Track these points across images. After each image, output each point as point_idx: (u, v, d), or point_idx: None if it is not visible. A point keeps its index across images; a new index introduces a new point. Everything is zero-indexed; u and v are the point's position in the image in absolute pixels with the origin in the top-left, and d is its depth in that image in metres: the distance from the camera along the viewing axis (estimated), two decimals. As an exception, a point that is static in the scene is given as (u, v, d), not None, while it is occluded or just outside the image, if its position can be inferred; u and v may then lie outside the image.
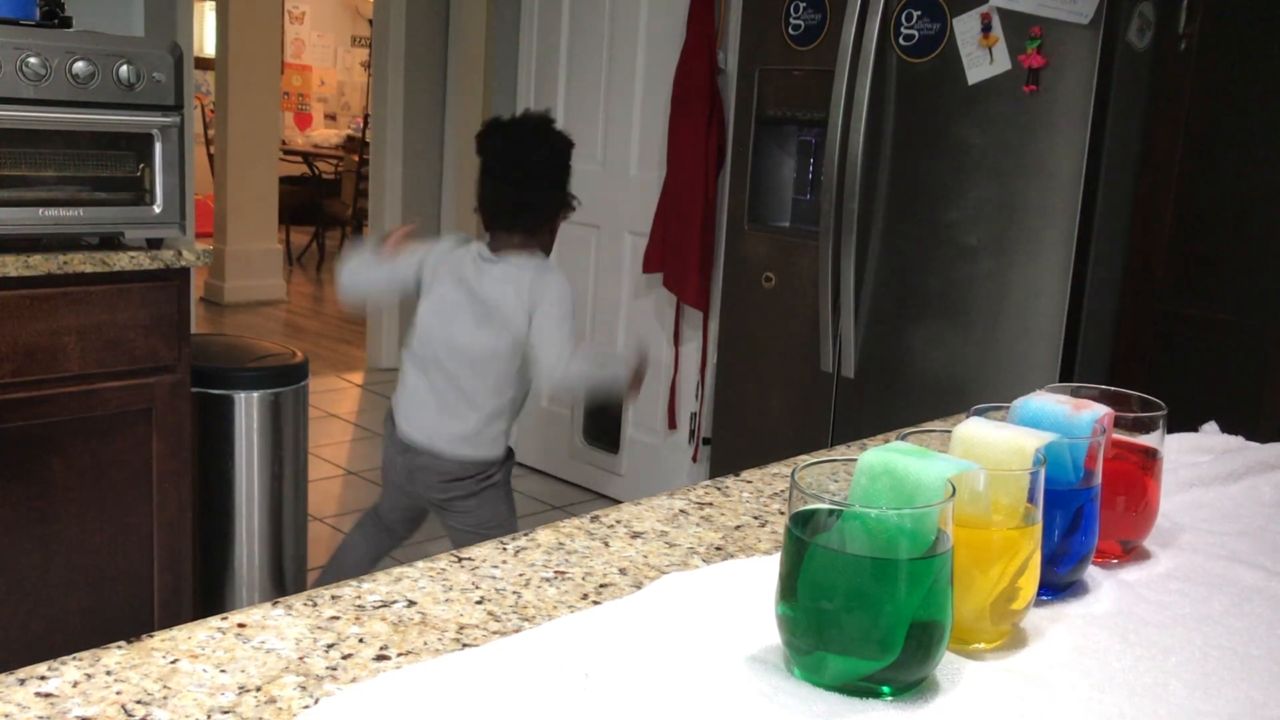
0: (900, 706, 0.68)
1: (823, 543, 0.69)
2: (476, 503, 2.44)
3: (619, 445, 3.89)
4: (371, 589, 0.83)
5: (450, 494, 2.44)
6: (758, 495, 1.11)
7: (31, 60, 2.09)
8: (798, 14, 2.88)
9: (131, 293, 2.24)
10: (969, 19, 2.53)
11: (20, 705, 0.64)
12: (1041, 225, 2.48)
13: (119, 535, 2.30)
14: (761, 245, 3.05)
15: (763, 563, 0.88)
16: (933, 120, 2.63)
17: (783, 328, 3.00)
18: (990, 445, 0.79)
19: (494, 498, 2.47)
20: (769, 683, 0.69)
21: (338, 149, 9.29)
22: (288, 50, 10.14)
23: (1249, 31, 2.43)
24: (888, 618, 0.66)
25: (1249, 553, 0.97)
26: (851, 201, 2.71)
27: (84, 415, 2.22)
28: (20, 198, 2.14)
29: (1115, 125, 2.44)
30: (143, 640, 0.72)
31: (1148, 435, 0.95)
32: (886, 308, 2.76)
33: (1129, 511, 0.93)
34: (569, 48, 3.95)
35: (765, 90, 3.00)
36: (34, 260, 2.10)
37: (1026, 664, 0.75)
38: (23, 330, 2.12)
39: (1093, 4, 2.34)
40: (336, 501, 3.77)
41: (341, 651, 0.73)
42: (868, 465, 0.70)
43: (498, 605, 0.81)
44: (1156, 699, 0.71)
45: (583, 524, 1.00)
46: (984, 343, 2.60)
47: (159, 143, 2.27)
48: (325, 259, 8.57)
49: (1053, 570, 0.84)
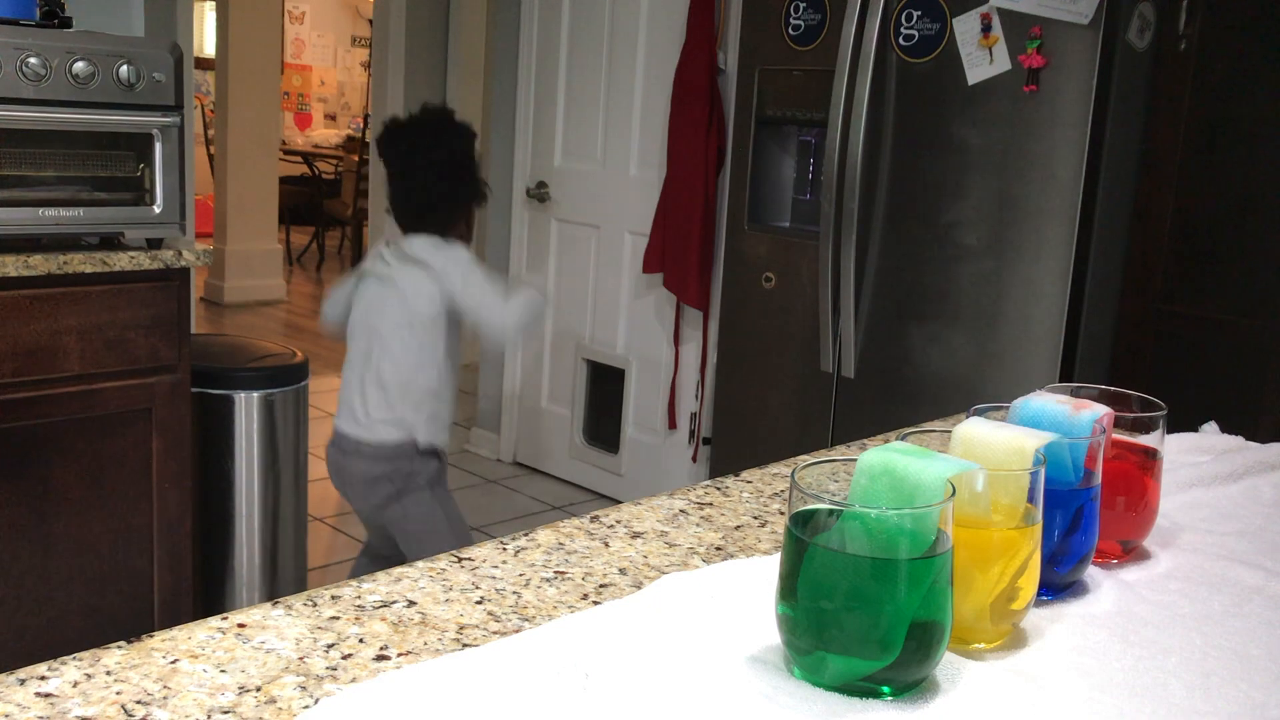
0: (900, 706, 0.68)
1: (823, 543, 0.69)
2: (403, 509, 2.46)
3: (619, 445, 3.89)
4: (371, 589, 0.83)
5: (376, 498, 2.46)
6: (758, 495, 1.11)
7: (31, 60, 2.09)
8: (798, 14, 2.88)
9: (131, 293, 2.24)
10: (969, 19, 2.53)
11: (20, 705, 0.64)
12: (1041, 225, 2.48)
13: (119, 535, 2.30)
14: (761, 245, 3.05)
15: (763, 563, 0.88)
16: (933, 120, 2.63)
17: (783, 328, 3.00)
18: (990, 445, 0.79)
19: (423, 501, 2.47)
20: (769, 683, 0.69)
21: (338, 149, 9.29)
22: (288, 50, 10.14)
23: (1249, 31, 2.43)
24: (888, 618, 0.66)
25: (1249, 553, 0.97)
26: (851, 201, 2.71)
27: (84, 415, 2.22)
28: (20, 198, 2.14)
29: (1115, 125, 2.44)
30: (143, 640, 0.72)
31: (1148, 435, 0.95)
32: (886, 308, 2.76)
33: (1129, 511, 0.93)
34: (569, 48, 3.96)
35: (765, 90, 3.00)
36: (34, 260, 2.10)
37: (1026, 664, 0.75)
38: (23, 330, 2.12)
39: (1093, 4, 2.34)
40: (336, 502, 3.77)
41: (341, 651, 0.73)
42: (868, 465, 0.70)
43: (498, 605, 0.81)
44: (1156, 699, 0.71)
45: (583, 524, 1.00)
46: (984, 343, 2.60)
47: (159, 143, 2.27)
48: (325, 259, 8.57)
49: (1053, 570, 0.84)
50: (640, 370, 3.79)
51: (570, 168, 3.97)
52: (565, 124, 3.99)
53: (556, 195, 4.02)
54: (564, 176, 3.99)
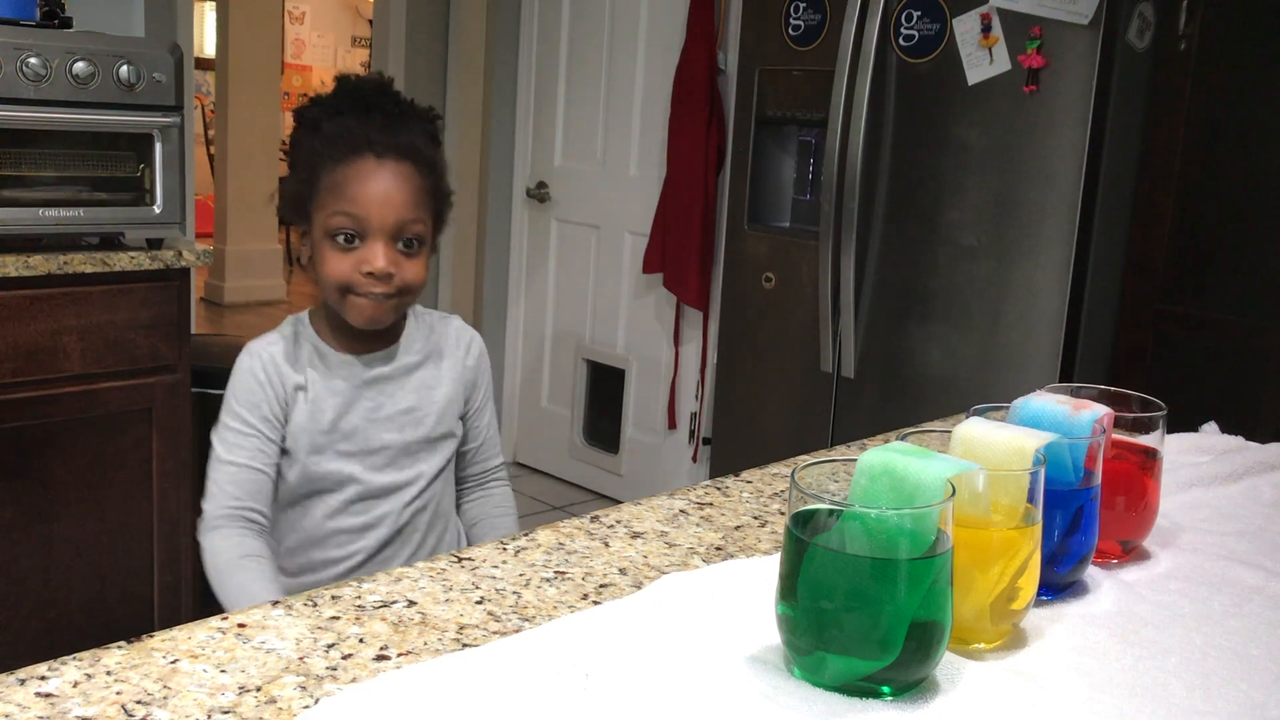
0: (900, 706, 0.68)
1: (823, 543, 0.69)
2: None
3: (619, 445, 3.89)
4: (371, 589, 0.83)
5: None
6: (758, 495, 1.11)
7: (31, 60, 2.09)
8: (798, 14, 2.88)
9: (132, 293, 2.24)
10: (969, 19, 2.53)
11: (20, 705, 0.64)
12: (1041, 225, 2.48)
13: (119, 535, 2.30)
14: (761, 245, 3.05)
15: (763, 563, 0.88)
16: (933, 120, 2.63)
17: (783, 328, 3.00)
18: (990, 445, 0.79)
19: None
20: (769, 683, 0.69)
21: (338, 149, 9.27)
22: (288, 50, 10.14)
23: (1249, 31, 2.43)
24: (888, 618, 0.66)
25: (1249, 553, 0.97)
26: (851, 201, 2.71)
27: (84, 415, 2.22)
28: (20, 198, 2.14)
29: (1115, 125, 2.44)
30: (143, 640, 0.72)
31: (1148, 435, 0.95)
32: (886, 308, 2.76)
33: (1129, 511, 0.93)
34: (569, 48, 3.96)
35: (765, 90, 3.00)
36: (34, 260, 2.10)
37: (1026, 664, 0.75)
38: (23, 330, 2.12)
39: (1093, 4, 2.34)
40: (336, 501, 3.77)
41: (341, 651, 0.73)
42: (868, 465, 0.70)
43: (498, 605, 0.81)
44: (1156, 699, 0.71)
45: (583, 524, 1.00)
46: (984, 343, 2.60)
47: (159, 143, 2.27)
48: (325, 259, 8.56)
49: (1053, 570, 0.84)
50: (640, 370, 3.79)
51: (570, 168, 3.97)
52: (565, 124, 3.99)
53: (556, 195, 4.02)
54: (564, 176, 3.99)
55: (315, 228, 1.44)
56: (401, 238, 1.42)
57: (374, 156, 1.41)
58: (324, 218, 1.41)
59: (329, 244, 1.41)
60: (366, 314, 1.43)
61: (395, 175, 1.41)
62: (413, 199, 1.42)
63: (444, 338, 1.57)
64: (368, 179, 1.40)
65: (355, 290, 1.41)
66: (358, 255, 1.40)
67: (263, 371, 1.48)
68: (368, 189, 1.40)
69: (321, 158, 1.42)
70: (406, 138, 1.44)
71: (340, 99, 1.47)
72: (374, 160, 1.41)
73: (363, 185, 1.40)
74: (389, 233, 1.41)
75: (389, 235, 1.41)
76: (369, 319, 1.43)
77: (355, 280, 1.41)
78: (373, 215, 1.39)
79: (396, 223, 1.41)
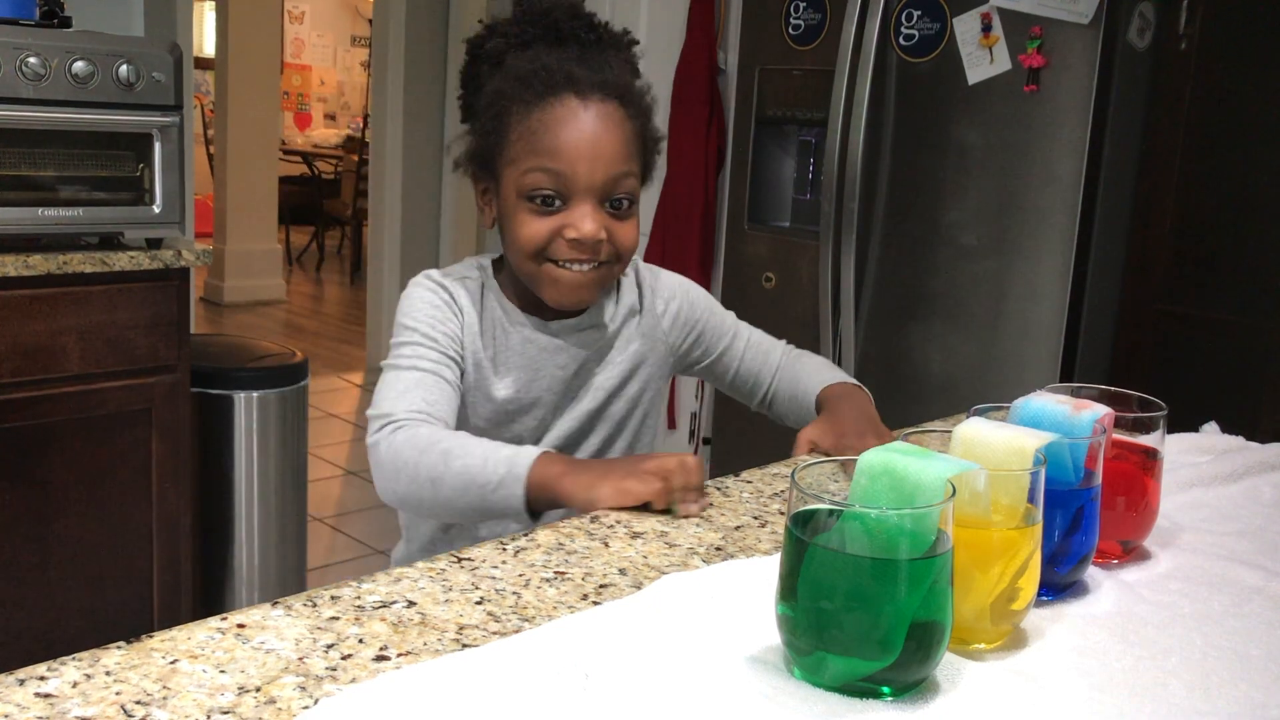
0: (900, 706, 0.68)
1: (823, 543, 0.69)
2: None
3: (619, 445, 3.89)
4: (371, 589, 0.82)
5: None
6: (758, 495, 1.11)
7: (31, 60, 2.09)
8: (798, 14, 2.88)
9: (131, 293, 2.24)
10: (969, 19, 2.53)
11: (20, 705, 0.64)
12: (1041, 225, 2.48)
13: (119, 535, 2.30)
14: (761, 245, 3.05)
15: (763, 563, 0.88)
16: (933, 120, 2.63)
17: (783, 328, 2.99)
18: (990, 445, 0.79)
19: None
20: (769, 683, 0.69)
21: (338, 149, 9.28)
22: (288, 50, 10.14)
23: (1249, 31, 2.43)
24: (888, 618, 0.66)
25: (1249, 553, 0.97)
26: (851, 201, 2.71)
27: (84, 415, 2.22)
28: (20, 198, 2.14)
29: (1115, 125, 2.44)
30: (142, 640, 0.72)
31: (1148, 435, 0.95)
32: (886, 308, 2.75)
33: (1129, 511, 0.93)
34: (569, 48, 3.96)
35: (765, 90, 2.99)
36: (34, 260, 2.10)
37: (1026, 664, 0.75)
38: (23, 330, 2.12)
39: (1093, 4, 2.34)
40: (336, 502, 3.77)
41: (341, 652, 0.73)
42: (868, 465, 0.70)
43: (498, 605, 0.81)
44: (1156, 699, 0.71)
45: (583, 524, 1.00)
46: (984, 343, 2.60)
47: (159, 143, 2.27)
48: (325, 259, 8.57)
49: (1053, 570, 0.84)
50: (640, 370, 3.79)
51: (570, 168, 3.97)
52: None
53: (556, 195, 4.02)
54: (564, 176, 3.99)
55: (505, 185, 1.20)
56: (611, 196, 1.19)
57: (576, 96, 1.16)
58: (516, 175, 1.18)
59: (523, 205, 1.18)
60: (568, 289, 1.20)
61: (602, 118, 1.17)
62: (624, 149, 1.18)
63: (644, 296, 1.36)
64: (570, 125, 1.16)
65: (556, 259, 1.19)
66: (560, 218, 1.18)
67: (446, 307, 1.24)
68: (571, 138, 1.16)
69: (510, 101, 1.18)
70: (611, 71, 1.19)
71: (526, 26, 1.23)
72: (576, 101, 1.16)
73: (565, 133, 1.16)
74: (598, 192, 1.18)
75: (598, 195, 1.18)
76: (571, 296, 1.21)
77: (557, 248, 1.18)
78: (579, 172, 1.16)
79: (607, 179, 1.17)
